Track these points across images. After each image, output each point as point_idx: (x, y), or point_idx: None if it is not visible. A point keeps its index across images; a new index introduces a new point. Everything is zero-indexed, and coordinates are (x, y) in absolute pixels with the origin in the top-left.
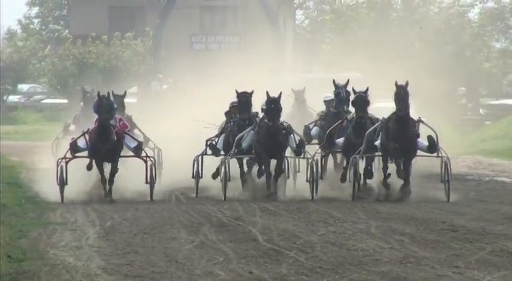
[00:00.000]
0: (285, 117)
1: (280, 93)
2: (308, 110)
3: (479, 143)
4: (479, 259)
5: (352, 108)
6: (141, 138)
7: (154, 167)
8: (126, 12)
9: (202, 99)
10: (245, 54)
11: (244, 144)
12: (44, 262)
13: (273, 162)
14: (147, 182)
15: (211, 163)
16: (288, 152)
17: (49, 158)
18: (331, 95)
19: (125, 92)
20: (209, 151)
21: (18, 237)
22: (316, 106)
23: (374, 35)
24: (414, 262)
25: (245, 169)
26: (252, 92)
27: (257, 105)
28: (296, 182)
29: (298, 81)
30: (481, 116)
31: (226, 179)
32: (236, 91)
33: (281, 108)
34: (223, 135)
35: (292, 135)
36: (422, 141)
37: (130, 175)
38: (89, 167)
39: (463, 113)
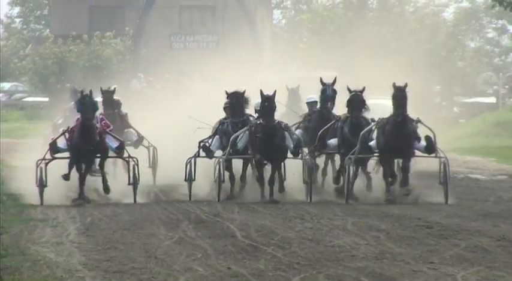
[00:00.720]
0: (278, 116)
1: (275, 91)
2: (302, 108)
3: (453, 140)
4: (454, 255)
5: (337, 108)
6: (135, 137)
7: (137, 167)
8: (106, 11)
9: (187, 97)
10: (223, 53)
11: (240, 144)
12: (25, 257)
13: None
14: (129, 183)
15: (203, 164)
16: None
17: (31, 156)
18: (314, 97)
19: (114, 88)
20: (202, 153)
21: (0, 233)
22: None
23: (350, 34)
24: (390, 258)
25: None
26: (244, 92)
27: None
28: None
29: (276, 80)
30: (456, 114)
31: (221, 180)
32: (226, 92)
33: (275, 106)
34: (217, 136)
35: (289, 134)
36: (420, 142)
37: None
38: (67, 177)
39: (438, 111)
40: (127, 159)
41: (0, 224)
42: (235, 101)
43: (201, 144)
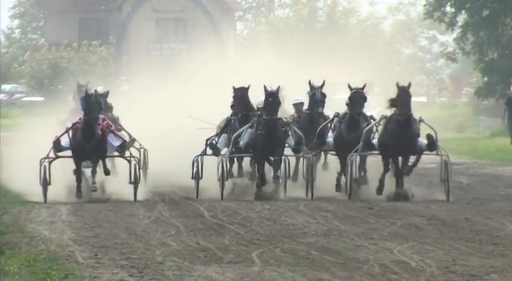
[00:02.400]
0: None
1: (279, 87)
2: (286, 109)
3: None
4: (391, 232)
5: (327, 110)
6: (127, 139)
7: (139, 166)
8: (93, 23)
9: (164, 98)
10: (193, 59)
11: (242, 142)
12: (23, 234)
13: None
14: (131, 182)
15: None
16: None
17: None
18: (300, 98)
19: (108, 91)
20: (209, 151)
21: (2, 214)
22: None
23: (302, 43)
24: (336, 235)
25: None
26: (248, 87)
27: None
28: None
29: (240, 83)
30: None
31: (224, 178)
32: (233, 87)
33: (280, 102)
34: (224, 134)
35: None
36: (422, 139)
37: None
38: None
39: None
40: (128, 158)
41: (1, 205)
42: (240, 95)
43: (208, 142)
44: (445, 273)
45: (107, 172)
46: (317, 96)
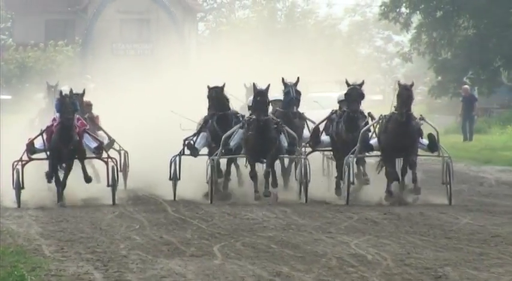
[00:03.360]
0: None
1: (269, 85)
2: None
3: None
4: (348, 226)
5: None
6: (105, 140)
7: (117, 168)
8: (59, 24)
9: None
10: (157, 59)
11: (232, 143)
12: None
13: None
14: (108, 185)
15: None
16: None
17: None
18: (278, 95)
19: (84, 90)
20: (187, 151)
21: None
22: None
23: (262, 43)
24: (295, 229)
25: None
26: (223, 86)
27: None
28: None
29: (202, 82)
30: None
31: (213, 181)
32: (208, 86)
33: (269, 101)
34: (202, 133)
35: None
36: (422, 139)
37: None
38: (50, 178)
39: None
40: (105, 160)
41: None
42: (215, 95)
43: (186, 142)
44: (400, 266)
45: (87, 179)
46: (291, 95)
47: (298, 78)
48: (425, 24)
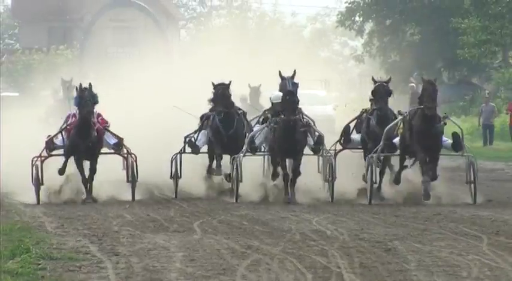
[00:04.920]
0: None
1: (297, 84)
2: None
3: None
4: (310, 205)
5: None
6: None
7: (136, 164)
8: (60, 30)
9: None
10: (144, 61)
11: (258, 141)
12: (1, 208)
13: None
14: (128, 181)
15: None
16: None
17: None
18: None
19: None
20: (188, 149)
21: None
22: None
23: (236, 48)
24: (264, 208)
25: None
26: (229, 84)
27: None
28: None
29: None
30: None
31: (238, 179)
32: (212, 83)
33: (298, 100)
34: (203, 131)
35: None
36: (446, 138)
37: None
38: (62, 172)
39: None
40: (125, 155)
41: None
42: (221, 92)
43: (187, 139)
44: (355, 240)
45: (93, 170)
46: (288, 87)
47: (294, 71)
48: (376, 31)
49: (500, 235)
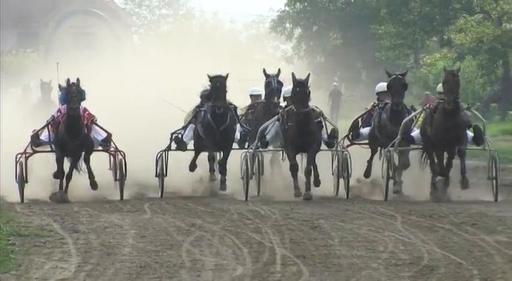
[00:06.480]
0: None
1: (309, 74)
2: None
3: None
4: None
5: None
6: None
7: (125, 162)
8: (28, 35)
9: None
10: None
11: (269, 136)
12: None
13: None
14: (116, 179)
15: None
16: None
17: None
18: (258, 89)
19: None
20: (174, 145)
21: None
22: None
23: (181, 51)
24: (205, 191)
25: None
26: (227, 76)
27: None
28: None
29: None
30: None
31: (248, 176)
32: (208, 75)
33: (309, 92)
34: (190, 126)
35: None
36: (468, 132)
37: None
38: (57, 176)
39: None
40: (113, 152)
41: None
42: (219, 85)
43: (174, 136)
44: (286, 219)
45: (94, 186)
46: (273, 85)
47: (279, 69)
48: (304, 36)
49: (412, 214)
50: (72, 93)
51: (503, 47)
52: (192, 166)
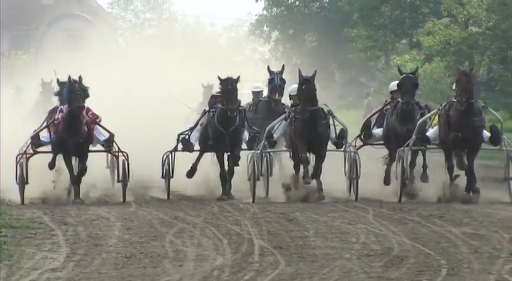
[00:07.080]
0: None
1: (315, 72)
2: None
3: None
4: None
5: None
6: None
7: (128, 163)
8: (20, 38)
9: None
10: (90, 63)
11: (276, 135)
12: None
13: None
14: (119, 181)
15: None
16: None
17: None
18: (260, 86)
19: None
20: (181, 146)
21: None
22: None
23: (164, 54)
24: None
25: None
26: (238, 78)
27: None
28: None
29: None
30: None
31: (255, 177)
32: (219, 77)
33: (315, 89)
34: (198, 127)
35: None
36: (484, 131)
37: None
38: (52, 166)
39: None
40: (116, 153)
41: None
42: (231, 88)
43: (180, 137)
44: (263, 212)
45: (82, 170)
46: (276, 82)
47: (283, 66)
48: (281, 38)
49: (383, 207)
50: (76, 91)
51: (469, 49)
52: (192, 172)
